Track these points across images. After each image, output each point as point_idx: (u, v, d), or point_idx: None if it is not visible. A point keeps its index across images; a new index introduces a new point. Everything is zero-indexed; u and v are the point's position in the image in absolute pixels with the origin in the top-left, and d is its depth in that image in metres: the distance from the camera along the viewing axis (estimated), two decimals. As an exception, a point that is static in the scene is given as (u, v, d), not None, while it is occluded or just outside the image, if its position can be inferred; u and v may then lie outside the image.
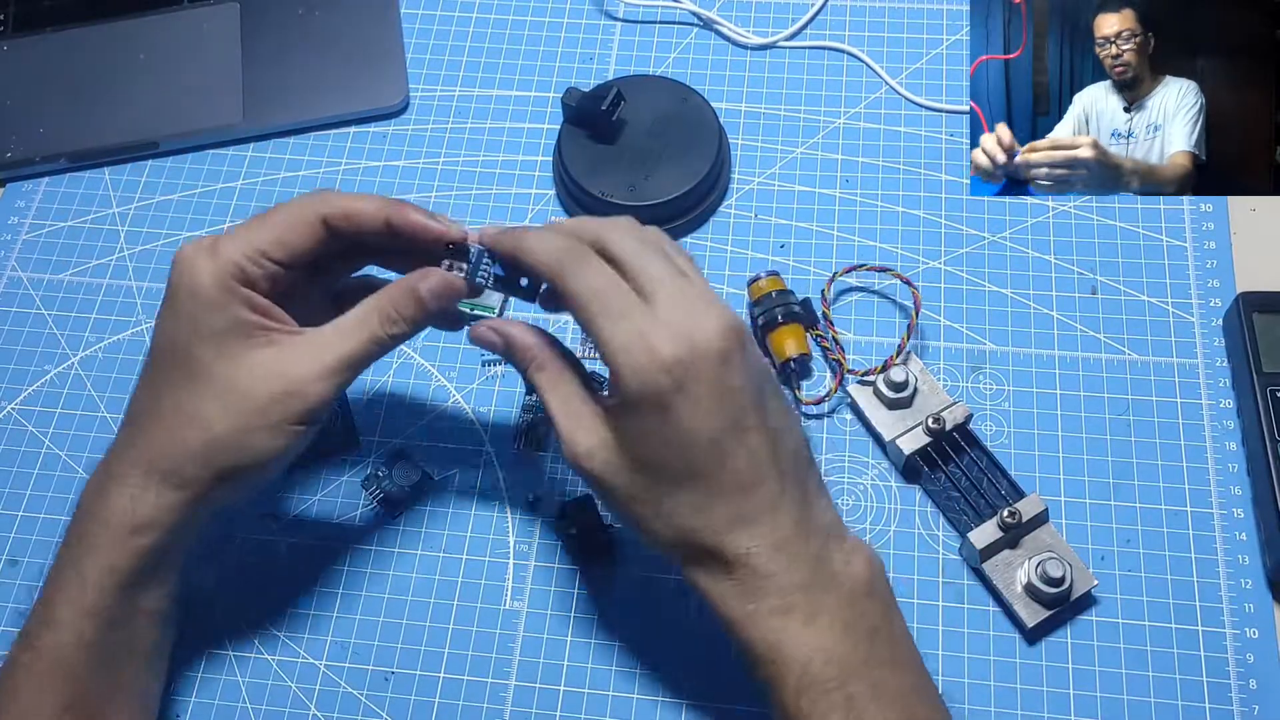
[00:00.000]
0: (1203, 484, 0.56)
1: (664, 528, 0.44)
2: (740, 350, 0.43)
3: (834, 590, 0.43)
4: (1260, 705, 0.51)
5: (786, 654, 0.43)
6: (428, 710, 0.53)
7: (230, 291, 0.45)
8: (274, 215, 0.46)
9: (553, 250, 0.45)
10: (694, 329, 0.42)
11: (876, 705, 0.42)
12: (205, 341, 0.45)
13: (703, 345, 0.42)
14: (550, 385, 0.47)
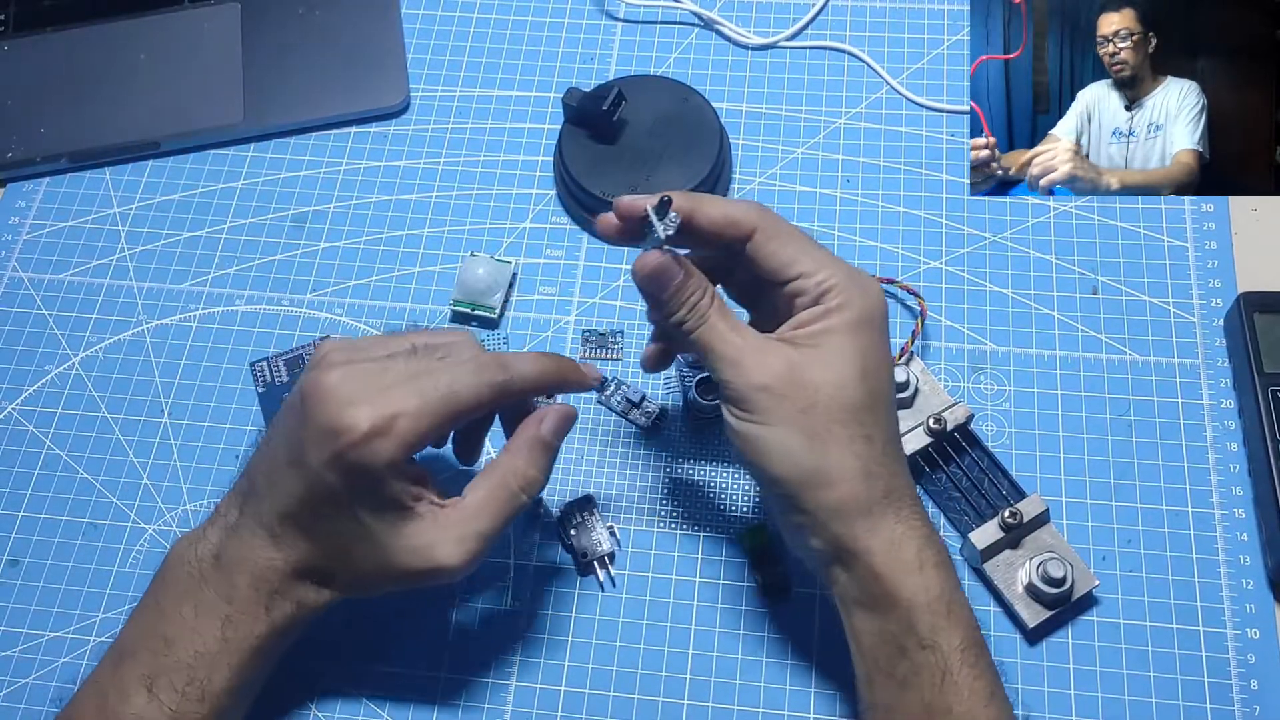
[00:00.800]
0: (1204, 484, 0.56)
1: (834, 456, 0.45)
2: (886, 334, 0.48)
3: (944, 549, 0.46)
4: (1261, 706, 0.51)
5: (959, 615, 0.44)
6: (429, 710, 0.53)
7: (397, 472, 0.45)
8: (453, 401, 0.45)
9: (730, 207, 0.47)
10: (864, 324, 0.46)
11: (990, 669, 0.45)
12: (371, 510, 0.45)
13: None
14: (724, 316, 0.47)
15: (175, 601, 0.47)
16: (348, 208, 0.67)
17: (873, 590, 0.44)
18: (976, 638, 0.45)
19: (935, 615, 0.44)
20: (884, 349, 0.47)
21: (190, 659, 0.46)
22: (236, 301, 0.64)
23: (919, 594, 0.44)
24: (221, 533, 0.48)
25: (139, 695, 0.45)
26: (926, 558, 0.44)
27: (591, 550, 0.55)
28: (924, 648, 0.43)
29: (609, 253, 0.65)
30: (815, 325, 0.45)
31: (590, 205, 0.64)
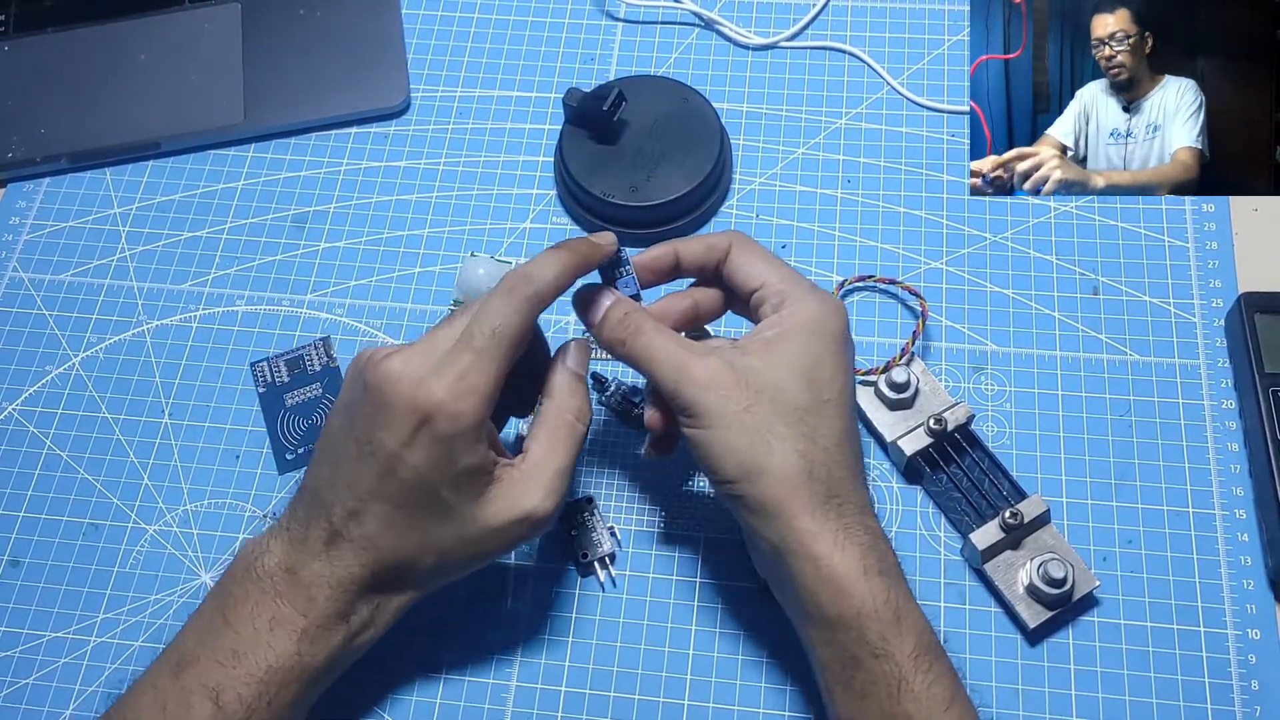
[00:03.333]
0: (1204, 485, 0.56)
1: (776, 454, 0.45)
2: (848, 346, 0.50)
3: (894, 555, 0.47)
4: (1262, 706, 0.51)
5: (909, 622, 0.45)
6: (429, 710, 0.53)
7: (481, 433, 0.46)
8: (506, 340, 0.46)
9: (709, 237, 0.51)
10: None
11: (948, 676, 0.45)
12: (454, 482, 0.46)
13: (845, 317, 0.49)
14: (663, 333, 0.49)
15: (245, 614, 0.46)
16: (348, 208, 0.67)
17: (819, 597, 0.44)
18: (930, 642, 0.44)
19: (884, 623, 0.44)
20: (837, 359, 0.47)
21: (262, 674, 0.45)
22: (237, 302, 0.64)
23: (866, 601, 0.44)
24: (288, 546, 0.47)
25: (203, 706, 0.44)
26: (870, 564, 0.44)
27: (592, 551, 0.55)
28: (876, 657, 0.43)
29: (609, 253, 0.65)
30: (768, 331, 0.48)
31: (591, 205, 0.64)
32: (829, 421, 0.46)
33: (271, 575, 0.46)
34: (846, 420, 0.47)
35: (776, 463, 0.45)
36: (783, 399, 0.46)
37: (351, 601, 0.47)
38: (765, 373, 0.46)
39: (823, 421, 0.46)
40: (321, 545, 0.46)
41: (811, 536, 0.45)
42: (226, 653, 0.45)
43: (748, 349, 0.47)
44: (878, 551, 0.45)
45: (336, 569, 0.46)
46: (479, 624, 0.55)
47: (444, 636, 0.54)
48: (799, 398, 0.46)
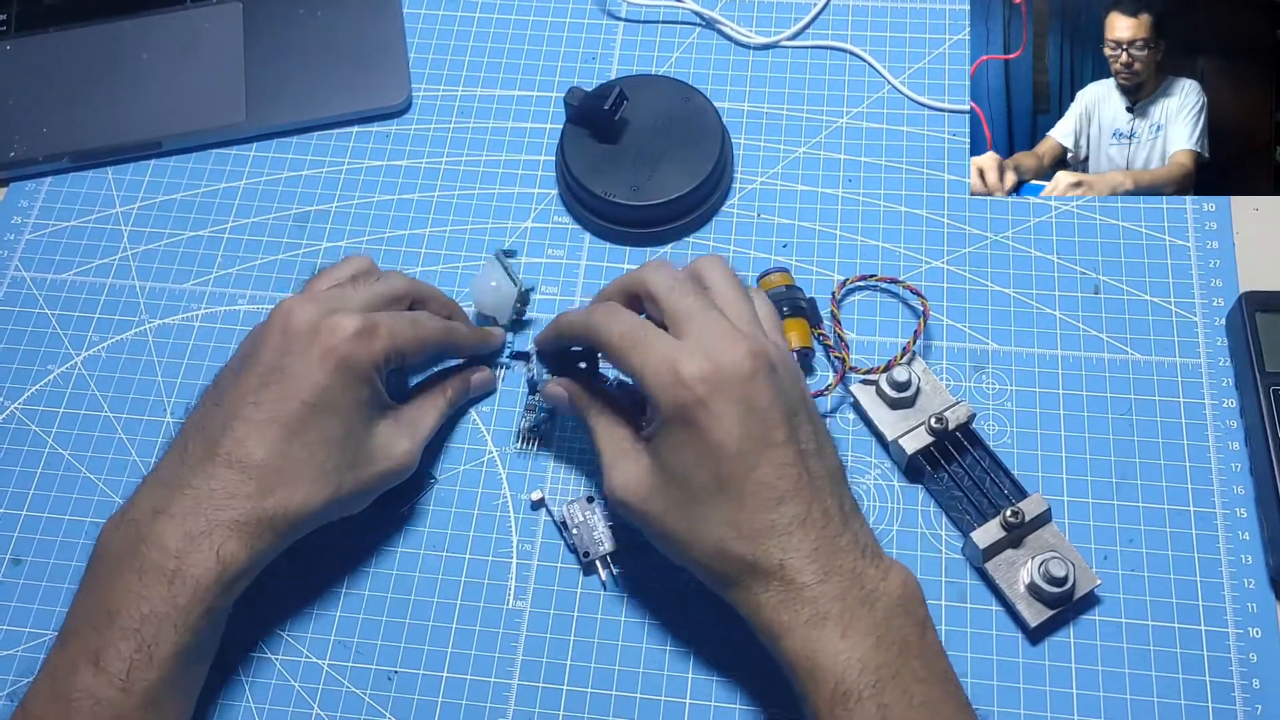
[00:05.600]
0: (1205, 484, 0.56)
1: (701, 542, 0.46)
2: (767, 372, 0.46)
3: (868, 604, 0.45)
4: (1263, 705, 0.51)
5: (822, 664, 0.44)
6: (431, 710, 0.53)
7: (380, 373, 0.51)
8: (423, 330, 0.54)
9: (583, 315, 0.51)
10: (719, 351, 0.46)
11: (908, 716, 0.43)
12: (353, 411, 0.50)
13: (727, 365, 0.46)
14: (600, 426, 0.52)
15: (114, 572, 0.46)
16: (349, 207, 0.67)
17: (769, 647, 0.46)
18: (852, 685, 0.43)
19: (802, 674, 0.44)
20: (703, 439, 0.46)
21: (136, 624, 0.45)
22: (239, 301, 0.65)
23: (785, 657, 0.45)
24: (156, 489, 0.48)
25: (86, 671, 0.45)
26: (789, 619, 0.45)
27: (594, 549, 0.55)
28: (804, 700, 0.45)
29: (611, 253, 0.65)
30: (650, 430, 0.49)
31: (592, 205, 0.64)
32: (740, 499, 0.46)
33: (135, 528, 0.47)
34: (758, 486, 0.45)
35: (696, 558, 0.47)
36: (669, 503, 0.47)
37: (225, 537, 0.47)
38: (672, 462, 0.47)
39: (731, 500, 0.46)
40: (195, 479, 0.47)
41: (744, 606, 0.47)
42: (101, 615, 0.46)
43: (648, 449, 0.49)
44: (798, 602, 0.45)
45: (214, 500, 0.47)
46: (480, 623, 0.55)
47: (447, 635, 0.54)
48: (676, 495, 0.47)
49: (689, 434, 0.46)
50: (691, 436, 0.46)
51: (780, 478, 0.45)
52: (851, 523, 0.47)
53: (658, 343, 0.47)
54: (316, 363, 0.49)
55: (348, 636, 0.54)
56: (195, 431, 0.49)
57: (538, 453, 0.59)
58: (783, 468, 0.45)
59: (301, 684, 0.53)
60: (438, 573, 0.56)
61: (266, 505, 0.48)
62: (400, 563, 0.56)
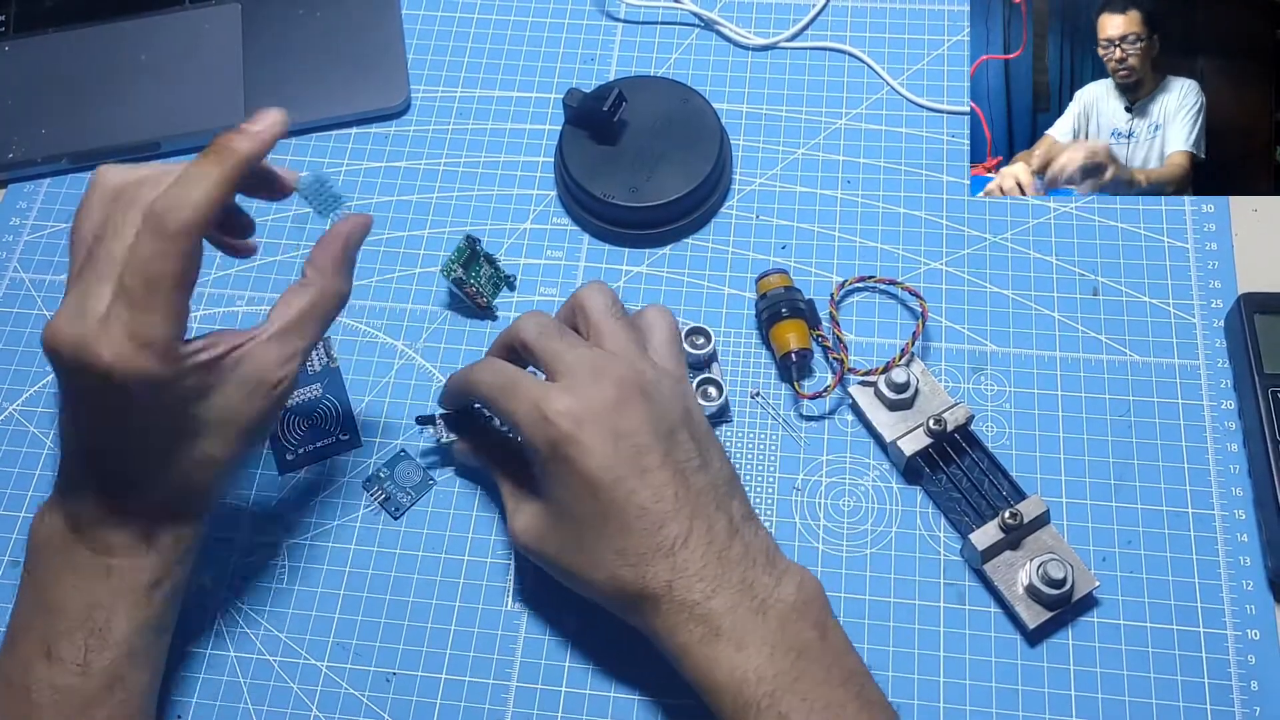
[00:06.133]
0: (1204, 485, 0.56)
1: (595, 573, 0.47)
2: (636, 398, 0.47)
3: (761, 614, 0.45)
4: (1262, 707, 0.51)
5: (719, 680, 0.45)
6: (429, 712, 0.53)
7: (179, 359, 0.43)
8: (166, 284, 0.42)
9: (463, 371, 0.53)
10: (585, 386, 0.47)
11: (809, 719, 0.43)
12: (181, 404, 0.45)
13: (593, 397, 0.47)
14: (501, 478, 0.54)
15: (51, 569, 0.47)
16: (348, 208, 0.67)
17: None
18: (750, 698, 0.44)
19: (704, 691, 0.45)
20: (578, 473, 0.46)
21: (84, 613, 0.45)
22: (237, 302, 0.64)
23: (688, 676, 0.46)
24: (69, 499, 0.47)
25: (39, 664, 0.45)
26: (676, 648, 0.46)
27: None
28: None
29: (610, 254, 0.65)
30: (534, 473, 0.50)
31: (591, 206, 0.64)
32: (616, 524, 0.46)
33: (61, 534, 0.47)
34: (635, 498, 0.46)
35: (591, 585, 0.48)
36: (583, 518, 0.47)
37: (145, 527, 0.47)
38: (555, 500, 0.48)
39: (609, 527, 0.46)
40: (98, 495, 0.46)
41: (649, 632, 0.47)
42: (46, 612, 0.46)
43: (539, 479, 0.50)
44: (691, 621, 0.45)
45: (117, 513, 0.46)
46: (479, 624, 0.55)
47: (445, 637, 0.54)
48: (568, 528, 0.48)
49: (565, 469, 0.47)
50: (567, 472, 0.47)
51: (658, 500, 0.46)
52: (743, 532, 0.47)
53: (526, 386, 0.48)
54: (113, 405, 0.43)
55: (346, 638, 0.54)
56: (67, 449, 0.47)
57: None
58: (660, 489, 0.46)
59: (300, 686, 0.53)
60: (436, 574, 0.56)
61: (167, 500, 0.47)
62: (398, 564, 0.56)
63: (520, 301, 0.63)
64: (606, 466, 0.46)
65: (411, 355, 0.62)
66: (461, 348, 0.62)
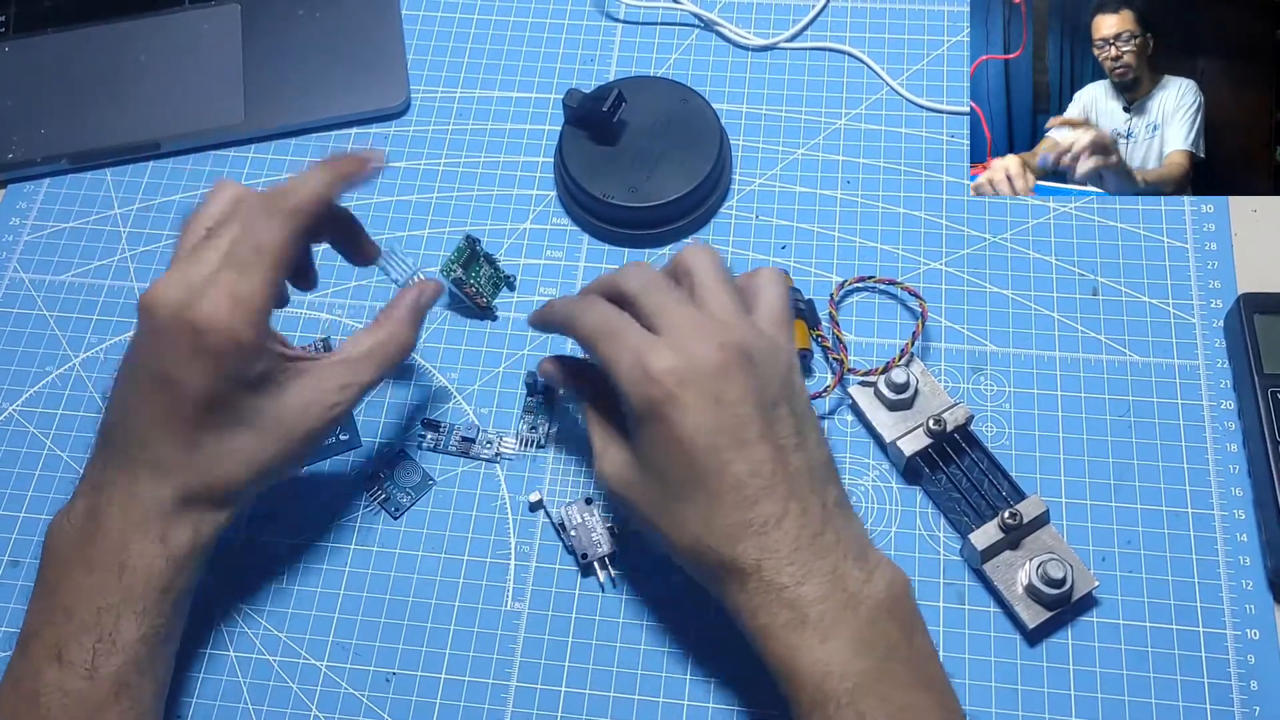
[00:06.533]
0: (1204, 485, 0.56)
1: (680, 538, 0.46)
2: (742, 366, 0.45)
3: (850, 608, 0.44)
4: (1261, 707, 0.51)
5: (801, 670, 0.43)
6: (429, 711, 0.53)
7: (265, 336, 0.47)
8: (271, 254, 0.47)
9: (565, 304, 0.52)
10: (690, 346, 0.46)
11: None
12: (249, 388, 0.47)
13: (698, 359, 0.45)
14: (593, 412, 0.52)
15: (64, 572, 0.46)
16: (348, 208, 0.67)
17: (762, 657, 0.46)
18: (831, 691, 0.43)
19: (782, 680, 0.44)
20: (674, 436, 0.45)
21: (93, 617, 0.45)
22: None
23: (769, 662, 0.45)
24: (91, 493, 0.47)
25: (50, 668, 0.45)
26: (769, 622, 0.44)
27: (592, 551, 0.55)
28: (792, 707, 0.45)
29: (609, 254, 0.65)
30: (629, 424, 0.48)
31: (590, 206, 0.64)
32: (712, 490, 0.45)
33: (78, 529, 0.47)
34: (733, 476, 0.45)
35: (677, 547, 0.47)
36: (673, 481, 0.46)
37: (164, 526, 0.47)
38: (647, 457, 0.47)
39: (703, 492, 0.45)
40: (125, 480, 0.47)
41: (729, 607, 0.46)
42: (59, 613, 0.46)
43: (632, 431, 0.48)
44: (777, 604, 0.44)
45: (143, 498, 0.46)
46: (478, 624, 0.55)
47: (445, 637, 0.54)
48: (657, 485, 0.47)
49: (660, 430, 0.45)
50: (663, 433, 0.45)
51: (754, 475, 0.45)
52: (835, 520, 0.46)
53: (629, 336, 0.47)
54: (194, 363, 0.45)
55: (346, 638, 0.54)
56: (104, 439, 0.48)
57: (536, 454, 0.59)
58: (757, 464, 0.45)
59: (299, 685, 0.53)
60: (436, 574, 0.56)
61: (190, 494, 0.47)
62: (398, 564, 0.56)
63: (520, 301, 0.64)
64: (705, 433, 0.44)
65: (412, 355, 0.62)
66: (461, 348, 0.62)
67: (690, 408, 0.45)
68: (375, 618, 0.55)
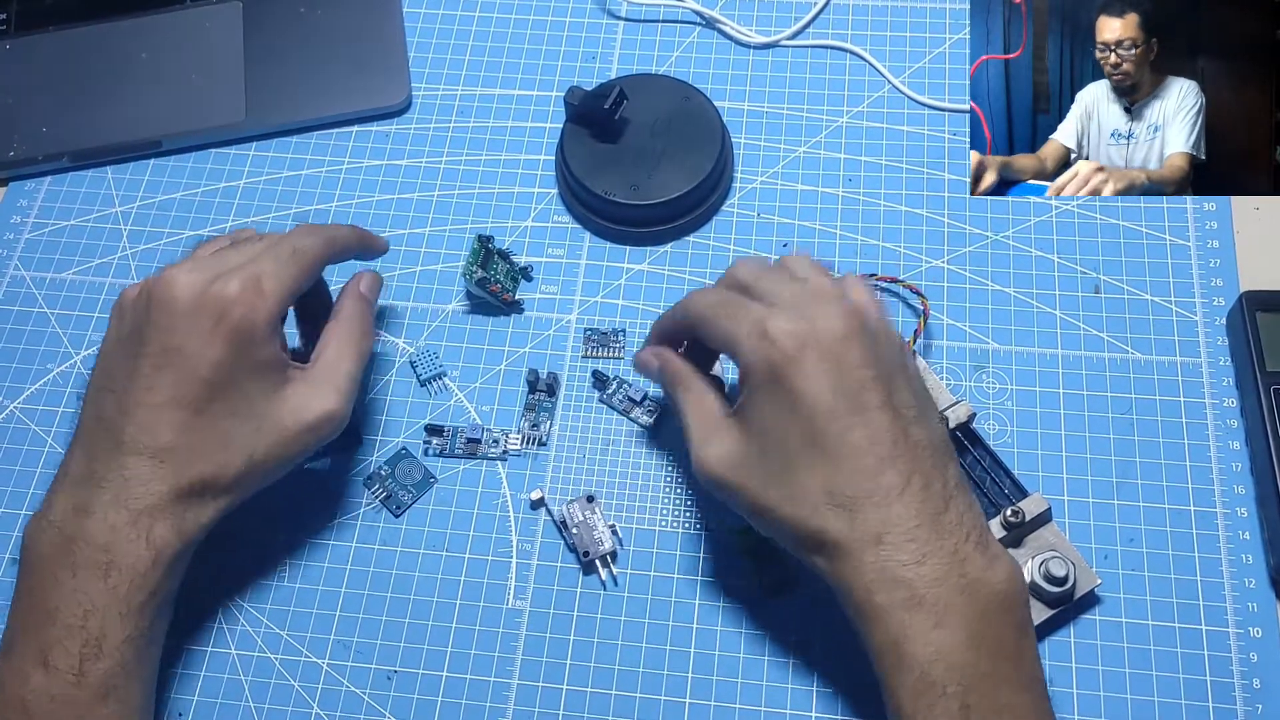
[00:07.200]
0: (1206, 483, 0.56)
1: (796, 510, 0.45)
2: (862, 333, 0.45)
3: (968, 594, 0.42)
4: (1264, 705, 0.51)
5: (910, 652, 0.42)
6: (431, 709, 0.53)
7: (275, 330, 0.50)
8: (303, 257, 0.52)
9: (676, 305, 0.53)
10: (812, 313, 0.46)
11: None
12: (253, 377, 0.49)
13: (821, 323, 0.45)
14: (690, 401, 0.51)
15: (47, 575, 0.46)
16: (349, 207, 0.67)
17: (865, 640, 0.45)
18: (937, 676, 0.42)
19: (886, 662, 0.43)
20: (795, 398, 0.44)
21: (79, 620, 0.45)
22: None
23: (869, 640, 0.44)
24: (72, 489, 0.47)
25: (36, 673, 0.44)
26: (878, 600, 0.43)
27: (594, 549, 0.55)
28: (886, 690, 0.43)
29: (611, 252, 0.65)
30: (741, 399, 0.48)
31: (592, 204, 0.64)
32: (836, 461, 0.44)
33: (60, 529, 0.46)
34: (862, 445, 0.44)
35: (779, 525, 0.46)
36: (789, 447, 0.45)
37: (151, 521, 0.46)
38: (763, 424, 0.46)
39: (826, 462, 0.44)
40: (111, 473, 0.46)
41: (836, 579, 0.45)
42: (42, 616, 0.45)
43: (737, 415, 0.48)
44: (893, 582, 0.43)
45: (131, 490, 0.46)
46: (480, 622, 0.54)
47: (446, 635, 0.54)
48: (768, 463, 0.46)
49: (780, 393, 0.45)
50: (783, 396, 0.45)
51: (875, 442, 0.44)
52: (957, 501, 0.44)
53: (749, 307, 0.47)
54: (209, 337, 0.47)
55: (347, 636, 0.54)
56: (94, 422, 0.48)
57: (538, 452, 0.59)
58: (879, 431, 0.44)
59: (301, 683, 0.53)
60: (437, 572, 0.56)
61: (183, 484, 0.47)
62: (400, 562, 0.56)
63: (533, 300, 0.63)
64: (826, 394, 0.44)
65: (413, 353, 0.62)
66: (462, 345, 0.62)
67: (811, 370, 0.44)
68: (377, 616, 0.55)
